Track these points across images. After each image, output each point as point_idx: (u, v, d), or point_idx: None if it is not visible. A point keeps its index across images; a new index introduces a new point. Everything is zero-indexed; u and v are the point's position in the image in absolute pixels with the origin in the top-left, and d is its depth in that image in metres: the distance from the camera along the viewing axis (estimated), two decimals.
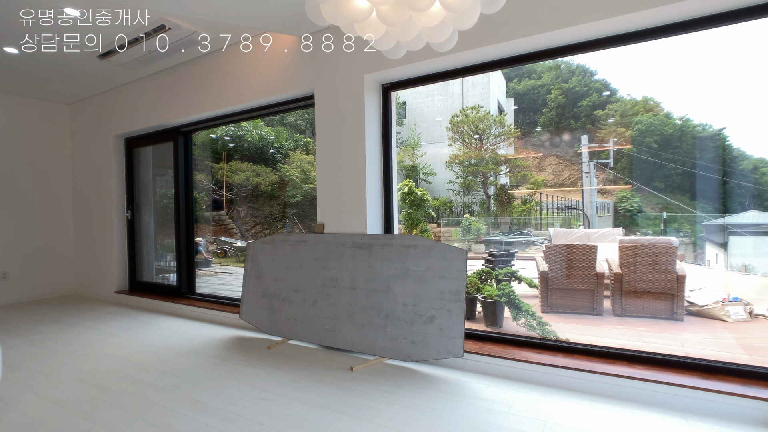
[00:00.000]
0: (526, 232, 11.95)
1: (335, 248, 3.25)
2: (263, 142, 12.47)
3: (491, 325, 4.60)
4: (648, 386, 2.24)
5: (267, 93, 3.81)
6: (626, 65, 21.46)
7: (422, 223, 8.35)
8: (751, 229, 8.01)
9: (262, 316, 3.51)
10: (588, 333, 4.50)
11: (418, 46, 1.95)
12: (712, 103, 13.27)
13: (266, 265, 3.59)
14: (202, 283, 8.00)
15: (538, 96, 19.67)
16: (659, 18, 2.33)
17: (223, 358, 3.08)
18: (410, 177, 14.21)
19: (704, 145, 12.10)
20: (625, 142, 13.87)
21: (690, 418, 2.06)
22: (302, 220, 11.74)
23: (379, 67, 3.18)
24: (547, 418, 2.10)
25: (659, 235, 10.97)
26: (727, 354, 3.82)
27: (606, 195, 13.09)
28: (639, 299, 4.71)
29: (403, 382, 2.59)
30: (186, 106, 4.42)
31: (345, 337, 3.05)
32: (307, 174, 11.53)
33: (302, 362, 2.96)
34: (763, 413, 2.00)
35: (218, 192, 12.35)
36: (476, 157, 14.34)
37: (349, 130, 3.34)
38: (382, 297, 2.95)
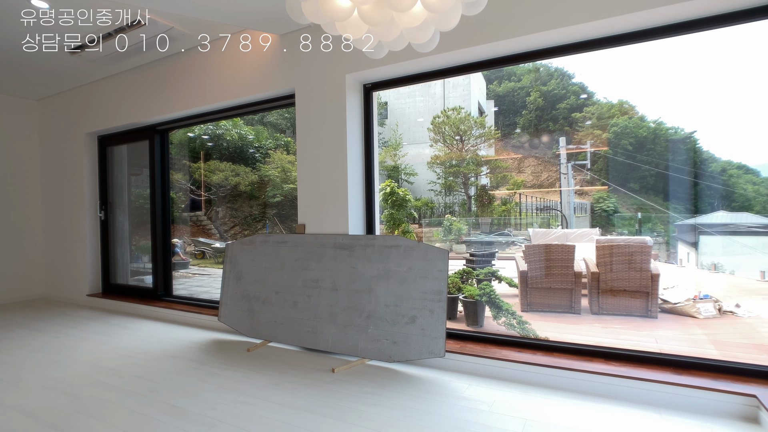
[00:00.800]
0: (506, 232, 12.12)
1: (316, 249, 3.22)
2: (243, 142, 12.28)
3: (472, 325, 4.64)
4: (624, 382, 2.29)
5: (246, 91, 3.75)
6: (603, 69, 22.03)
7: (404, 224, 8.37)
8: (719, 229, 8.34)
9: (242, 319, 3.45)
10: (566, 331, 4.59)
11: (399, 46, 1.95)
12: (683, 107, 13.75)
13: (246, 266, 3.53)
14: (179, 285, 7.82)
15: (517, 98, 19.99)
16: (634, 23, 2.39)
17: (201, 362, 3.01)
18: (392, 177, 14.23)
19: (676, 148, 12.53)
20: (601, 144, 14.24)
21: (664, 413, 2.12)
22: (283, 220, 11.61)
23: (360, 66, 3.16)
24: (528, 416, 2.13)
25: (634, 234, 11.29)
26: (698, 349, 3.95)
27: (583, 196, 13.39)
28: (615, 297, 4.83)
29: (385, 382, 2.59)
30: (163, 104, 4.31)
31: (326, 338, 3.03)
32: (288, 174, 11.42)
33: (283, 365, 2.92)
34: (731, 406, 2.07)
35: (196, 192, 12.10)
36: (457, 158, 14.46)
37: (331, 129, 3.32)
38: (363, 298, 2.94)
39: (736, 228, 8.23)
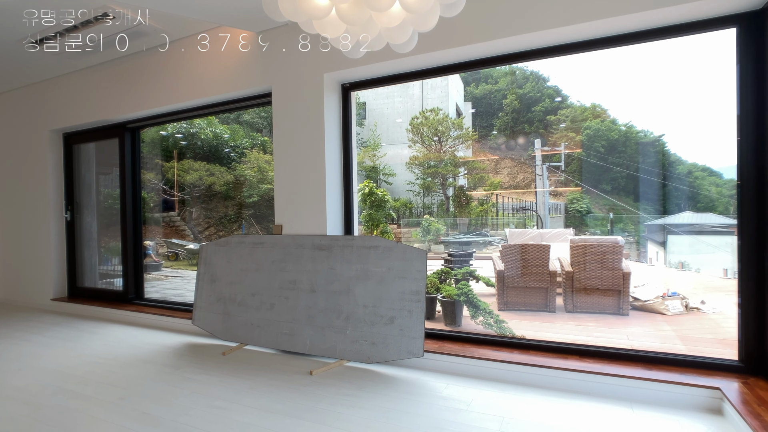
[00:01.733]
0: (483, 233, 12.28)
1: (294, 250, 3.17)
2: (218, 141, 12.02)
3: (450, 324, 4.68)
4: (597, 378, 2.35)
5: (222, 89, 3.67)
6: (576, 73, 22.64)
7: (383, 224, 8.37)
8: (686, 229, 8.72)
9: (217, 322, 3.37)
10: (542, 329, 4.69)
11: (378, 46, 1.94)
12: (652, 111, 14.28)
13: (221, 268, 3.45)
14: (151, 287, 7.59)
15: (494, 100, 20.33)
16: (606, 29, 2.45)
17: (174, 367, 2.92)
18: (371, 178, 14.22)
19: (646, 150, 13.02)
20: (575, 147, 14.63)
21: (635, 407, 2.18)
22: (259, 221, 11.42)
23: (338, 66, 3.14)
24: (505, 414, 2.15)
25: (606, 234, 11.66)
26: (667, 345, 4.10)
27: (558, 196, 13.72)
28: (589, 296, 4.96)
29: (364, 384, 2.57)
30: (133, 101, 4.17)
31: (304, 340, 2.99)
32: (265, 174, 11.24)
33: (259, 368, 2.87)
34: (697, 399, 2.15)
35: (169, 192, 11.76)
36: (435, 159, 14.58)
37: (309, 129, 3.28)
38: (342, 299, 2.91)
39: (701, 228, 8.63)
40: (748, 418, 1.81)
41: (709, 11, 2.24)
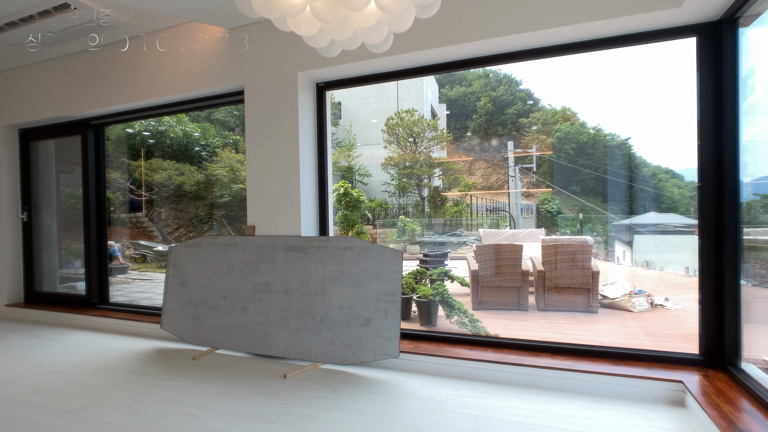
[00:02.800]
0: (458, 233, 12.43)
1: (267, 251, 3.11)
2: (188, 139, 11.67)
3: (426, 324, 4.70)
4: (569, 375, 2.41)
5: (192, 86, 3.56)
6: (547, 77, 23.26)
7: (358, 225, 8.33)
8: (651, 229, 9.13)
9: (187, 325, 3.26)
10: (515, 328, 4.78)
11: (353, 45, 1.92)
12: (619, 115, 14.85)
13: (191, 270, 3.34)
14: (117, 291, 7.30)
15: (468, 102, 20.62)
16: (574, 35, 2.52)
17: (141, 373, 2.81)
18: (346, 178, 14.16)
19: (613, 153, 13.55)
20: (546, 149, 15.03)
21: (605, 402, 2.24)
22: (231, 222, 11.16)
23: (313, 65, 3.10)
24: (479, 412, 2.17)
25: (576, 234, 12.03)
26: (634, 341, 4.25)
27: (529, 197, 14.05)
28: (560, 294, 5.09)
29: (339, 386, 2.54)
30: (98, 97, 3.99)
31: (278, 343, 2.93)
32: (237, 174, 10.99)
33: (231, 372, 2.79)
34: (662, 392, 2.23)
35: (136, 192, 11.34)
36: (411, 160, 14.65)
37: (282, 128, 3.23)
38: (317, 300, 2.87)
39: (664, 228, 9.06)
40: (708, 409, 1.89)
41: (671, 21, 2.34)
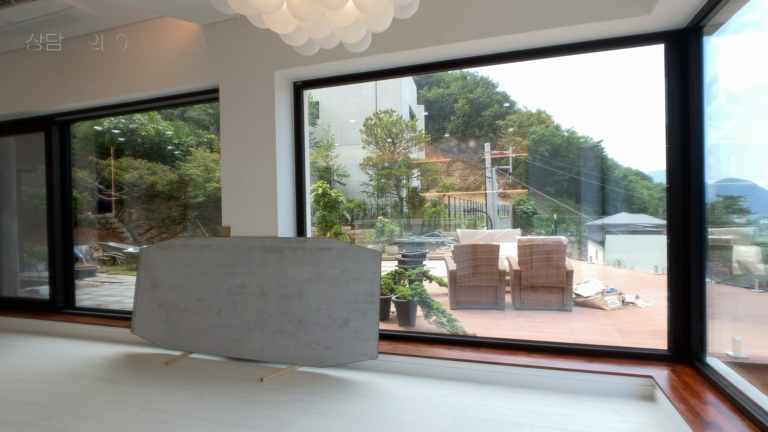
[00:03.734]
0: (436, 233, 12.52)
1: (243, 253, 3.05)
2: (160, 138, 11.32)
3: (404, 325, 4.71)
4: (544, 372, 2.45)
5: (165, 83, 3.46)
6: (523, 80, 23.70)
7: (336, 225, 8.28)
8: (622, 229, 9.46)
9: (159, 329, 3.16)
10: (493, 327, 4.84)
11: (331, 44, 1.90)
12: (592, 119, 15.32)
13: (163, 272, 3.24)
14: (84, 295, 7.02)
15: (446, 104, 20.84)
16: (549, 39, 2.57)
17: (110, 380, 2.71)
18: (324, 178, 14.07)
19: (586, 155, 13.99)
20: (522, 150, 15.35)
21: (579, 398, 2.29)
22: (206, 222, 10.89)
23: (290, 63, 3.06)
24: (458, 412, 2.19)
25: (551, 234, 12.34)
26: (606, 338, 4.38)
27: (506, 198, 14.31)
28: (535, 293, 5.19)
29: (317, 388, 2.52)
30: (63, 92, 3.83)
31: (254, 346, 2.87)
32: (211, 173, 10.74)
33: (206, 377, 2.72)
34: (633, 387, 2.30)
35: (105, 192, 10.93)
36: (389, 160, 14.68)
37: (259, 127, 3.17)
38: (294, 302, 2.83)
39: (635, 228, 9.41)
40: (676, 402, 1.96)
41: (641, 27, 2.41)
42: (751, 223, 2.89)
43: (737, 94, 2.59)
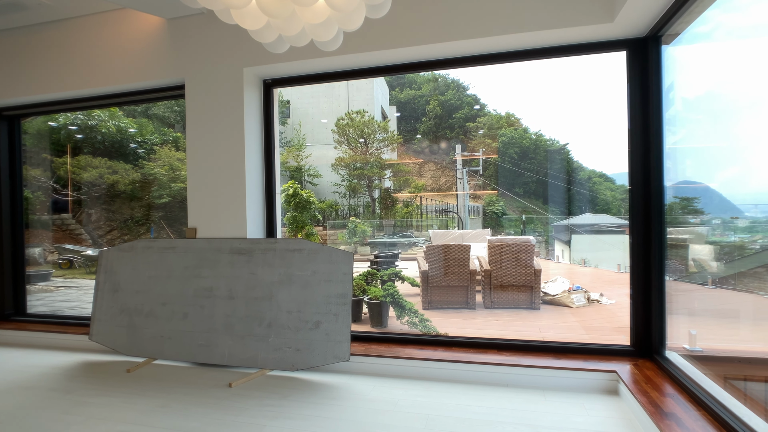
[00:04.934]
0: (408, 234, 12.59)
1: (210, 254, 2.95)
2: (122, 135, 10.83)
3: (377, 326, 4.70)
4: (514, 370, 2.50)
5: (126, 79, 3.31)
6: (493, 83, 24.18)
7: (308, 226, 8.18)
8: (587, 229, 9.84)
9: (120, 335, 3.02)
10: (464, 326, 4.90)
11: (302, 42, 1.87)
12: (558, 122, 15.85)
13: (125, 275, 3.10)
14: (36, 301, 6.63)
15: (418, 105, 21.02)
16: (517, 43, 2.62)
17: (65, 391, 2.56)
18: (295, 178, 13.88)
19: (553, 158, 14.47)
20: (491, 152, 15.68)
21: (547, 394, 2.35)
22: (171, 224, 10.51)
23: (260, 61, 2.99)
24: (430, 411, 2.19)
25: (520, 234, 12.67)
26: (573, 335, 4.52)
27: (476, 199, 14.58)
28: (505, 292, 5.30)
29: (288, 393, 2.46)
30: (12, 84, 3.59)
31: (222, 351, 2.79)
32: (177, 173, 10.38)
33: (171, 384, 2.62)
34: (598, 382, 2.38)
35: (61, 191, 10.35)
36: (361, 161, 14.65)
37: (227, 125, 3.08)
38: (264, 305, 2.77)
39: (598, 228, 9.82)
40: (638, 395, 2.04)
41: (604, 35, 2.50)
42: (704, 223, 3.06)
43: (692, 100, 2.73)
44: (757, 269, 2.89)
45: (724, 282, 3.11)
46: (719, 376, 2.08)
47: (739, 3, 2.29)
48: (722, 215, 2.95)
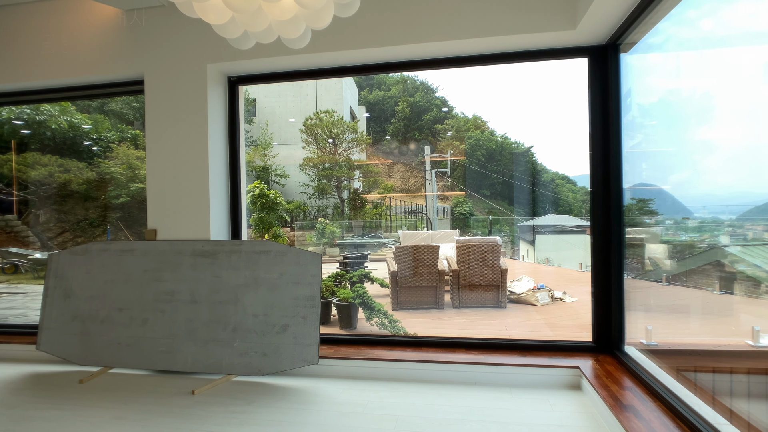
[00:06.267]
0: (377, 235, 12.59)
1: (171, 257, 2.83)
2: (75, 132, 10.22)
3: (346, 327, 4.66)
4: (482, 368, 2.53)
5: (79, 71, 3.12)
6: (461, 86, 24.62)
7: (275, 227, 8.02)
8: (550, 229, 10.19)
9: (72, 344, 2.84)
10: (433, 326, 4.95)
11: (268, 38, 1.82)
12: (523, 125, 16.33)
13: (78, 280, 2.92)
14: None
15: (387, 107, 21.09)
16: (483, 47, 2.67)
17: (8, 405, 2.38)
18: (261, 178, 13.59)
19: (518, 160, 14.92)
20: (459, 154, 15.96)
21: (514, 391, 2.40)
22: (130, 225, 10.02)
23: (224, 57, 2.90)
24: (400, 412, 2.19)
25: (487, 235, 12.96)
26: (538, 333, 4.65)
27: (444, 200, 14.78)
28: (472, 292, 5.39)
29: (255, 398, 2.40)
30: None
31: (185, 357, 2.68)
32: (136, 172, 9.91)
33: (129, 393, 2.49)
34: (562, 378, 2.45)
35: (5, 191, 9.66)
36: (330, 161, 14.54)
37: (189, 123, 2.97)
38: (229, 309, 2.68)
39: (561, 228, 10.20)
40: (599, 390, 2.12)
41: (567, 41, 2.58)
42: (659, 224, 3.22)
43: (647, 107, 2.86)
44: (705, 267, 3.07)
45: (676, 279, 3.29)
46: (673, 369, 2.19)
47: (688, 17, 2.43)
48: (675, 216, 3.12)
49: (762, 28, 2.35)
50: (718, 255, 2.95)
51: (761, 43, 2.37)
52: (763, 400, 2.08)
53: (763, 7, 2.33)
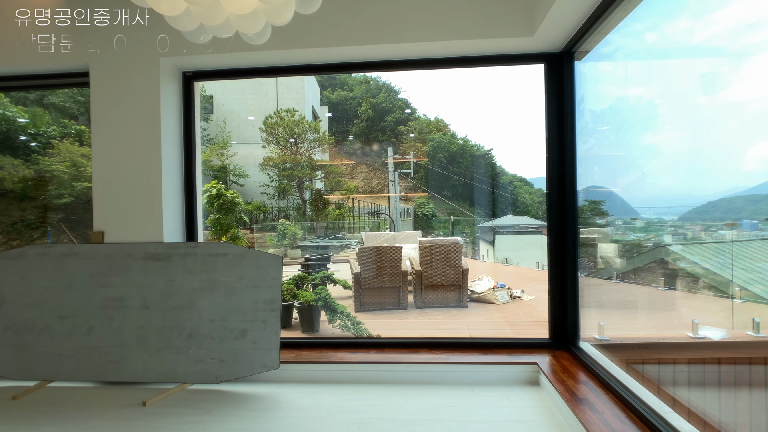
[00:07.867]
0: (340, 236, 12.50)
1: (120, 261, 2.66)
2: (9, 126, 9.41)
3: (308, 331, 4.58)
4: (445, 368, 2.56)
5: (13, 60, 2.87)
6: (423, 88, 24.86)
7: (233, 229, 7.76)
8: (509, 230, 10.53)
9: (4, 357, 2.61)
10: (396, 327, 4.96)
11: (225, 33, 1.75)
12: (483, 128, 16.76)
13: (11, 287, 2.68)
14: None
15: (350, 107, 21.00)
16: (446, 50, 2.70)
17: None
18: (219, 178, 13.13)
19: (479, 162, 15.31)
20: (422, 156, 16.16)
21: (476, 389, 2.44)
22: (74, 227, 9.36)
23: (179, 50, 2.76)
24: (363, 415, 2.17)
25: (448, 235, 13.18)
26: (498, 331, 4.76)
27: (407, 201, 14.91)
28: (435, 292, 5.45)
29: (212, 407, 2.30)
30: None
31: (135, 366, 2.52)
32: (81, 170, 9.27)
33: (71, 408, 2.31)
34: (521, 374, 2.52)
35: None
36: (292, 161, 14.28)
37: (140, 119, 2.80)
38: (184, 314, 2.55)
39: (519, 228, 10.56)
40: (556, 384, 2.19)
41: (526, 47, 2.66)
42: (609, 224, 3.39)
43: (598, 113, 3.01)
44: (651, 264, 3.27)
45: (625, 276, 3.48)
46: (623, 362, 2.31)
47: (634, 29, 2.57)
48: (624, 216, 3.30)
49: (698, 43, 2.53)
50: (662, 253, 3.14)
51: (698, 56, 2.55)
52: (701, 387, 2.23)
53: (699, 24, 2.51)
